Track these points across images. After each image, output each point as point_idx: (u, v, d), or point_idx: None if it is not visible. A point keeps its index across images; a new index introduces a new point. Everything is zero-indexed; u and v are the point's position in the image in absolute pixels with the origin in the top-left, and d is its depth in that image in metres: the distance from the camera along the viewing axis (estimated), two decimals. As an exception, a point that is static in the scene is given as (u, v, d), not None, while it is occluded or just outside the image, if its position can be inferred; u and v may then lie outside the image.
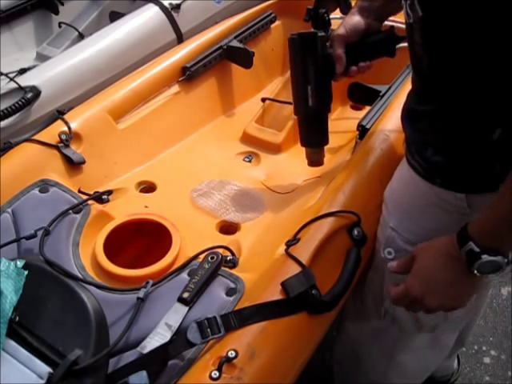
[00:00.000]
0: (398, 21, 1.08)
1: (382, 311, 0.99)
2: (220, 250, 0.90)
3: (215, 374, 0.70)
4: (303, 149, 1.16)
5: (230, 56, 1.43)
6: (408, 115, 0.85)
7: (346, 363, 1.26)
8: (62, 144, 1.07)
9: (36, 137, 1.07)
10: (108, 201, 1.05)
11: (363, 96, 1.28)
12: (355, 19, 1.00)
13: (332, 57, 1.02)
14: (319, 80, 1.05)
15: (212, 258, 0.85)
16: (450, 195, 0.78)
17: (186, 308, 0.79)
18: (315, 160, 1.14)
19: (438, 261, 0.75)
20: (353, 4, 1.47)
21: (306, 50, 1.03)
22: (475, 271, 0.70)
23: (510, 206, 0.66)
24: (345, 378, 1.29)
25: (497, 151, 0.71)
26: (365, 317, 1.07)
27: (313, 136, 1.13)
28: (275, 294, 0.80)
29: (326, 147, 1.15)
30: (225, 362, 0.71)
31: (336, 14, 1.47)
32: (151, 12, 1.61)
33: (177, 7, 1.64)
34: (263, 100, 1.42)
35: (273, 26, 1.60)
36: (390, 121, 1.08)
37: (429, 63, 0.76)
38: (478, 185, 0.76)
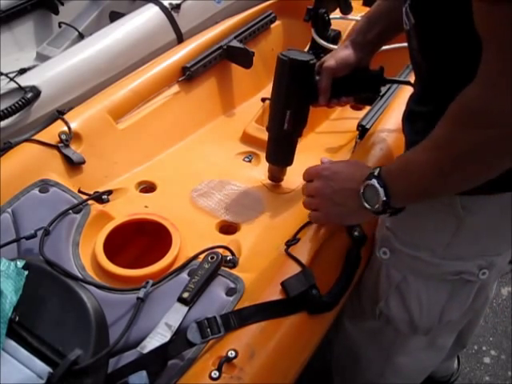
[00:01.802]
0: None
1: (376, 311, 0.99)
2: (220, 250, 0.90)
3: (215, 373, 0.70)
4: (303, 149, 1.15)
5: (230, 56, 1.43)
6: (407, 116, 0.85)
7: (343, 362, 1.26)
8: (61, 144, 1.07)
9: (36, 137, 1.08)
10: (108, 201, 1.05)
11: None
12: (346, 53, 1.00)
13: (317, 87, 1.02)
14: (299, 106, 1.06)
15: (212, 257, 0.85)
16: (445, 197, 0.78)
17: (186, 308, 0.79)
18: (276, 176, 1.17)
19: (350, 168, 0.84)
20: (352, 4, 1.48)
21: (294, 77, 1.03)
22: (361, 190, 0.76)
23: (411, 157, 0.72)
24: (343, 377, 1.29)
25: None
26: (362, 316, 1.07)
27: (279, 156, 1.15)
28: (275, 294, 0.80)
29: (325, 147, 1.15)
30: (225, 362, 0.71)
31: (336, 13, 1.48)
32: (151, 12, 1.61)
33: (177, 7, 1.64)
34: (263, 100, 1.42)
35: (273, 25, 1.60)
36: (390, 121, 1.08)
37: (427, 68, 0.77)
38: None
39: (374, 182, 0.74)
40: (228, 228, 1.07)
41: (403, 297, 0.93)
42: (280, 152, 1.14)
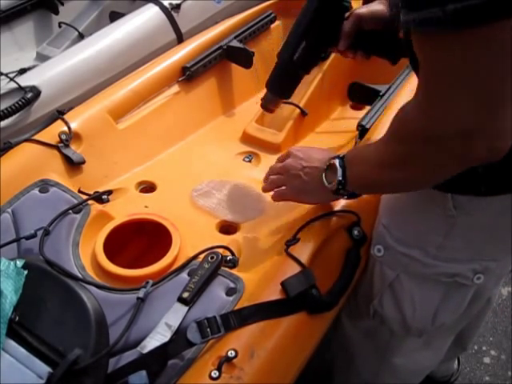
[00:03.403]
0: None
1: (371, 310, 0.99)
2: (220, 250, 0.90)
3: (215, 373, 0.70)
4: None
5: (230, 56, 1.43)
6: None
7: (341, 362, 1.26)
8: (62, 144, 1.07)
9: (36, 137, 1.07)
10: (108, 201, 1.05)
11: (363, 96, 1.28)
12: (381, 8, 0.97)
13: (340, 31, 0.99)
14: (316, 43, 1.02)
15: (212, 257, 0.85)
16: (438, 195, 0.79)
17: (186, 308, 0.79)
18: (268, 106, 1.15)
19: (320, 151, 0.91)
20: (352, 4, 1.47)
21: (322, 9, 0.99)
22: (324, 166, 0.84)
23: (367, 152, 0.78)
24: (341, 376, 1.29)
25: None
26: (358, 315, 1.07)
27: (279, 85, 1.12)
28: (275, 294, 0.80)
29: (325, 147, 1.14)
30: (224, 362, 0.71)
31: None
32: (151, 12, 1.61)
33: (177, 7, 1.64)
34: (263, 100, 1.42)
35: (273, 26, 1.60)
36: (390, 121, 1.08)
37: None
38: (462, 186, 0.76)
39: (336, 161, 0.81)
40: (228, 228, 1.07)
41: (396, 296, 0.93)
42: (281, 81, 1.11)
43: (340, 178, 0.80)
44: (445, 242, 0.83)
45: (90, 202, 0.99)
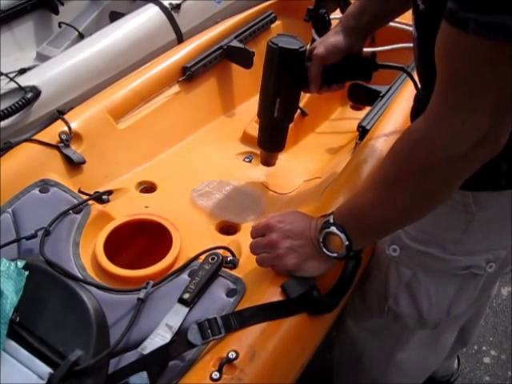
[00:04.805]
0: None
1: (385, 309, 0.99)
2: (220, 251, 0.90)
3: (216, 374, 0.70)
4: (303, 149, 1.15)
5: (230, 56, 1.43)
6: (414, 113, 0.85)
7: (345, 363, 1.26)
8: (62, 144, 1.07)
9: (36, 137, 1.07)
10: (108, 201, 1.05)
11: (363, 96, 1.28)
12: (337, 39, 0.98)
13: (308, 74, 1.01)
14: (289, 94, 1.05)
15: (212, 258, 0.85)
16: (457, 193, 0.78)
17: (187, 309, 0.79)
18: (268, 162, 1.17)
19: (304, 217, 0.83)
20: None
21: (284, 65, 1.01)
22: (320, 239, 0.77)
23: (362, 200, 0.75)
24: (345, 378, 1.29)
25: (502, 149, 0.71)
26: (366, 315, 1.07)
27: (270, 142, 1.14)
28: (276, 295, 0.80)
29: (325, 148, 1.15)
30: (225, 363, 0.71)
31: (336, 14, 1.48)
32: (151, 12, 1.61)
33: (177, 7, 1.64)
34: (263, 100, 1.42)
35: (273, 26, 1.60)
36: (391, 121, 1.08)
37: (426, 74, 0.78)
38: (484, 183, 0.76)
39: (334, 229, 0.76)
40: (228, 228, 1.07)
41: (413, 294, 0.93)
42: (271, 138, 1.13)
43: (347, 243, 0.76)
44: (463, 237, 0.83)
45: (90, 202, 0.99)
